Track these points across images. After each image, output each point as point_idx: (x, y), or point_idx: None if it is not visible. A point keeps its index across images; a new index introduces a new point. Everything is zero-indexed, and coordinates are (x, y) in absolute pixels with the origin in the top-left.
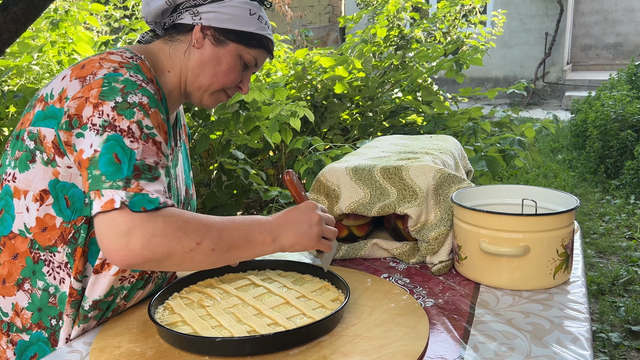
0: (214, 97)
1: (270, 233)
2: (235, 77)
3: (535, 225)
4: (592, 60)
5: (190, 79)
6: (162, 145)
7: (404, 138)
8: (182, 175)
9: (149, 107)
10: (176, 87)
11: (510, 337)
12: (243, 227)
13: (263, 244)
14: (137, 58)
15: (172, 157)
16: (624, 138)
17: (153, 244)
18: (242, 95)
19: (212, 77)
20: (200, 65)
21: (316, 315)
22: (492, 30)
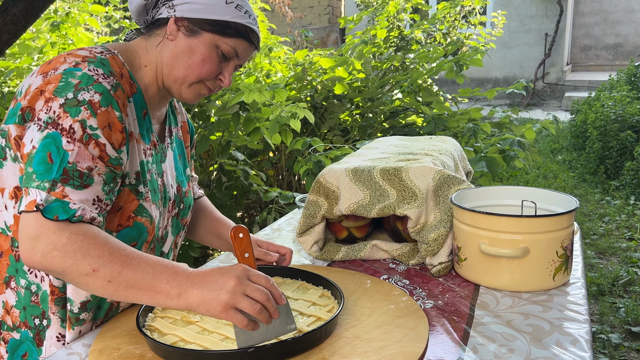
0: (193, 90)
1: (178, 286)
2: (210, 67)
3: (535, 226)
4: (591, 60)
5: (166, 72)
6: (107, 147)
7: (404, 139)
8: (173, 172)
9: (99, 105)
10: (153, 81)
11: (509, 338)
12: (150, 270)
13: (167, 295)
14: (107, 53)
15: (152, 153)
16: (624, 139)
17: (51, 257)
18: (241, 96)
19: (186, 68)
20: (174, 57)
21: (311, 321)
22: (492, 31)
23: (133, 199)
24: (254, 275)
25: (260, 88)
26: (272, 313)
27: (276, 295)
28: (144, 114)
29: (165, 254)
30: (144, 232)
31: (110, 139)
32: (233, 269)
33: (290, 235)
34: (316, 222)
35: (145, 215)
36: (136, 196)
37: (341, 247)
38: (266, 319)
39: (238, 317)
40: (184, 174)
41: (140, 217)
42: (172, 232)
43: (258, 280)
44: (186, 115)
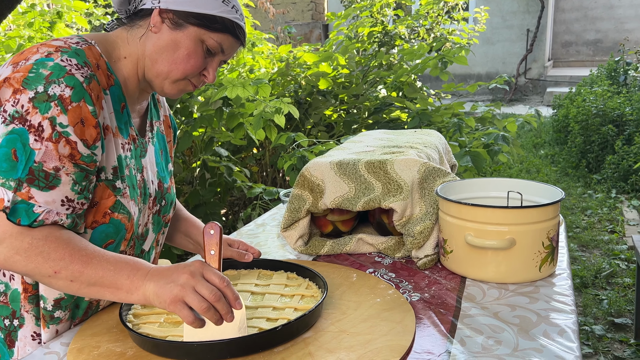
0: (177, 86)
1: (138, 280)
2: (196, 63)
3: (521, 217)
4: (572, 56)
5: (148, 66)
6: (78, 145)
7: (388, 132)
8: (154, 168)
9: (70, 101)
10: (133, 73)
11: (497, 330)
12: (111, 268)
13: (128, 290)
14: (83, 43)
15: (131, 147)
16: (605, 133)
17: (13, 261)
18: (224, 91)
19: (171, 63)
20: (157, 50)
21: (293, 314)
22: (475, 27)
23: (110, 195)
24: (208, 273)
25: (244, 83)
26: (223, 315)
27: (230, 298)
28: (122, 107)
29: (147, 252)
30: (122, 230)
31: (82, 136)
32: (190, 264)
33: (275, 230)
34: (301, 216)
35: (122, 211)
36: (113, 192)
37: (326, 241)
38: (215, 319)
39: (185, 312)
40: (165, 170)
41: (117, 213)
42: (154, 230)
43: (212, 278)
44: (168, 110)
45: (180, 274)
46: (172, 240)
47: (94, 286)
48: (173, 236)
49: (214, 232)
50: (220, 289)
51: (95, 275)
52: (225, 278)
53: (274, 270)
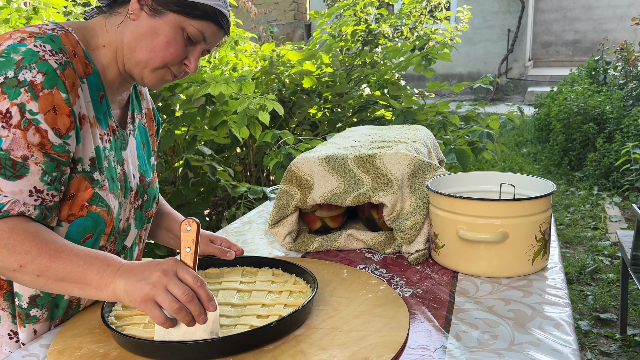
0: (156, 76)
1: (108, 277)
2: (176, 51)
3: (514, 210)
4: (552, 56)
5: (127, 54)
6: (49, 133)
7: (375, 128)
8: (135, 161)
9: (42, 87)
10: (112, 62)
11: (492, 324)
12: (81, 263)
13: (98, 287)
14: (59, 30)
15: (110, 139)
16: (586, 131)
17: None
18: (207, 88)
19: (150, 51)
20: (135, 38)
21: (282, 311)
22: (458, 26)
23: (87, 187)
24: (182, 271)
25: (227, 80)
26: (195, 316)
27: (204, 299)
28: (100, 97)
29: (129, 248)
30: (100, 223)
31: (54, 124)
32: (163, 262)
33: (262, 228)
34: (289, 212)
35: (101, 204)
36: (91, 184)
37: (315, 237)
38: (187, 320)
39: (156, 312)
40: (148, 163)
41: (95, 206)
42: (136, 225)
43: (185, 277)
44: (152, 103)
45: (152, 272)
46: (154, 236)
47: (61, 282)
48: (155, 232)
49: (191, 229)
50: (194, 288)
51: (63, 270)
52: (199, 278)
53: (258, 267)
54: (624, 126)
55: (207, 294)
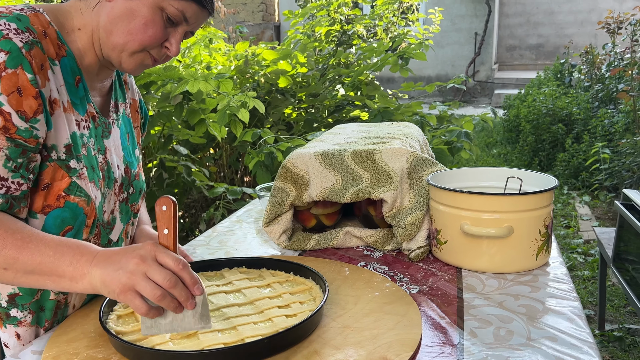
0: (135, 60)
1: (82, 267)
2: (155, 33)
3: (519, 204)
4: (516, 60)
5: (103, 38)
6: (12, 116)
7: (365, 125)
8: (119, 152)
9: (5, 67)
10: (89, 47)
11: (505, 320)
12: (51, 253)
13: (72, 278)
14: (28, 10)
15: (89, 125)
16: (555, 132)
17: None
18: (185, 85)
19: (127, 34)
20: (111, 20)
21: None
22: (430, 27)
23: (63, 176)
24: (162, 255)
25: (207, 77)
26: (182, 302)
27: (188, 282)
28: (77, 81)
29: (115, 242)
30: (80, 214)
31: (19, 107)
32: (140, 247)
33: (252, 226)
34: (284, 210)
35: (79, 194)
36: (67, 172)
37: (312, 235)
38: (173, 306)
39: (137, 302)
40: (133, 155)
41: (73, 196)
42: (122, 219)
43: (166, 261)
44: (138, 94)
45: (129, 259)
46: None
47: (32, 274)
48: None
49: (167, 208)
50: (176, 272)
51: (31, 261)
52: (181, 260)
53: (272, 269)
54: (592, 127)
55: (192, 277)
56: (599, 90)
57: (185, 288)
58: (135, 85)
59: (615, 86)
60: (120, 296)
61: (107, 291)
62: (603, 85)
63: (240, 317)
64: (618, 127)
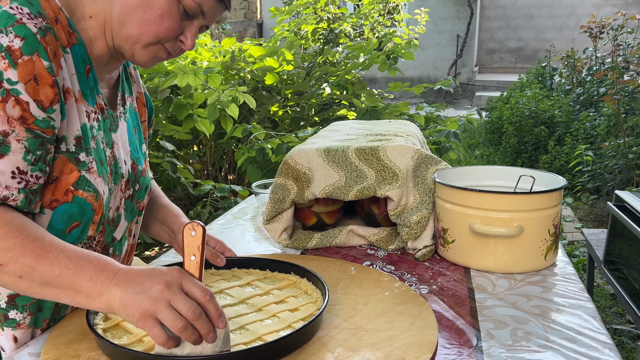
0: (149, 52)
1: (102, 284)
2: (170, 25)
3: (530, 203)
4: (496, 63)
5: (116, 28)
6: (31, 105)
7: (363, 122)
8: (126, 147)
9: (20, 53)
10: (100, 36)
11: (521, 321)
12: (71, 266)
13: (89, 295)
14: None
15: (98, 117)
16: (538, 134)
17: None
18: (174, 79)
19: (141, 25)
20: (126, 10)
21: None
22: (416, 28)
23: (73, 170)
24: (188, 284)
25: (196, 70)
26: (204, 335)
27: (213, 315)
28: (87, 71)
29: (118, 241)
30: (88, 210)
31: (37, 96)
32: (166, 272)
33: (249, 224)
34: (285, 207)
35: (88, 189)
36: (76, 166)
37: (314, 234)
38: (193, 339)
39: (156, 331)
40: (140, 150)
41: (82, 191)
42: (126, 217)
43: (192, 290)
44: (144, 87)
45: (153, 284)
46: (147, 229)
47: (47, 286)
48: (148, 224)
49: (196, 234)
50: (202, 303)
51: (50, 273)
52: (208, 291)
53: (261, 269)
54: (574, 130)
55: (217, 309)
56: (580, 94)
57: (208, 321)
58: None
59: (597, 90)
60: (139, 322)
61: (125, 314)
62: (584, 89)
63: (241, 316)
64: (600, 130)
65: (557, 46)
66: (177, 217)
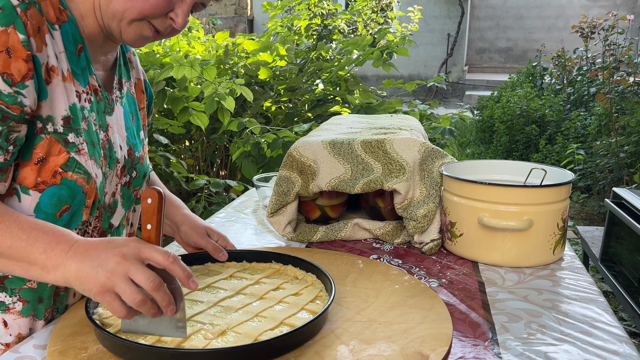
0: (134, 29)
1: (56, 257)
2: (156, 2)
3: (540, 197)
4: (485, 62)
5: (104, 5)
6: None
7: (364, 117)
8: (122, 132)
9: None
10: (90, 13)
11: (534, 314)
12: (24, 237)
13: (43, 267)
14: None
15: (90, 98)
16: (529, 133)
17: None
18: (170, 71)
19: (127, 0)
20: None
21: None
22: (409, 25)
23: (61, 151)
24: (147, 251)
25: (192, 62)
26: (163, 307)
27: (182, 276)
28: (79, 49)
29: (116, 228)
30: (79, 193)
31: (5, 69)
32: (123, 243)
33: (251, 218)
34: (289, 200)
35: (78, 171)
36: (65, 147)
37: (318, 227)
38: (152, 312)
39: (115, 305)
40: (137, 137)
41: (71, 173)
42: (123, 204)
43: (153, 256)
44: (143, 74)
45: (109, 256)
46: None
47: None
48: None
49: (152, 202)
50: (167, 267)
51: (1, 244)
52: (170, 253)
53: (277, 262)
54: (565, 129)
55: (184, 270)
56: (570, 93)
57: (168, 293)
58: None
59: (587, 89)
60: (97, 297)
61: (82, 289)
62: (574, 88)
63: (248, 305)
64: (591, 129)
65: (546, 46)
66: (179, 209)
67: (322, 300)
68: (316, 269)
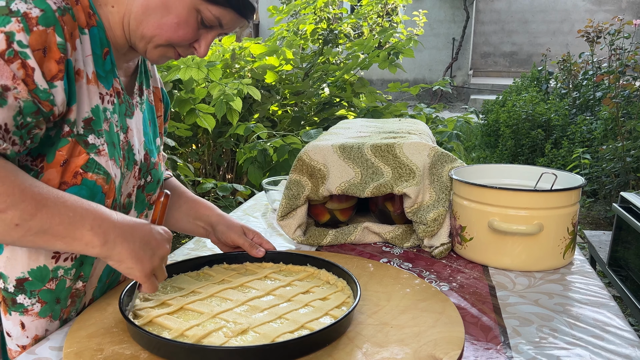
0: (159, 52)
1: (104, 234)
2: (185, 34)
3: (550, 201)
4: (490, 66)
5: (133, 26)
6: (35, 73)
7: (372, 121)
8: (141, 136)
9: (37, 22)
10: (118, 25)
11: (546, 318)
12: (71, 214)
13: (88, 243)
14: None
15: (114, 100)
16: (534, 137)
17: None
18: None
19: (156, 27)
20: (145, 11)
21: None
22: (414, 30)
23: (81, 152)
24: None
25: (200, 64)
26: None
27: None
28: (105, 53)
29: None
30: (98, 193)
31: (41, 67)
32: (159, 232)
33: (261, 221)
34: (299, 203)
35: (98, 171)
36: (85, 148)
37: (328, 231)
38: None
39: (154, 283)
40: (153, 143)
41: (91, 173)
42: (136, 207)
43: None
44: (160, 82)
45: (160, 245)
46: (176, 225)
47: (44, 235)
48: (178, 220)
49: (164, 200)
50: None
51: (49, 220)
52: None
53: (296, 264)
54: (570, 133)
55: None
56: (576, 98)
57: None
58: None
59: (593, 94)
60: (145, 278)
61: (127, 267)
62: (580, 92)
63: (275, 307)
64: (596, 133)
65: (551, 51)
66: (212, 210)
67: (347, 307)
68: (346, 275)
